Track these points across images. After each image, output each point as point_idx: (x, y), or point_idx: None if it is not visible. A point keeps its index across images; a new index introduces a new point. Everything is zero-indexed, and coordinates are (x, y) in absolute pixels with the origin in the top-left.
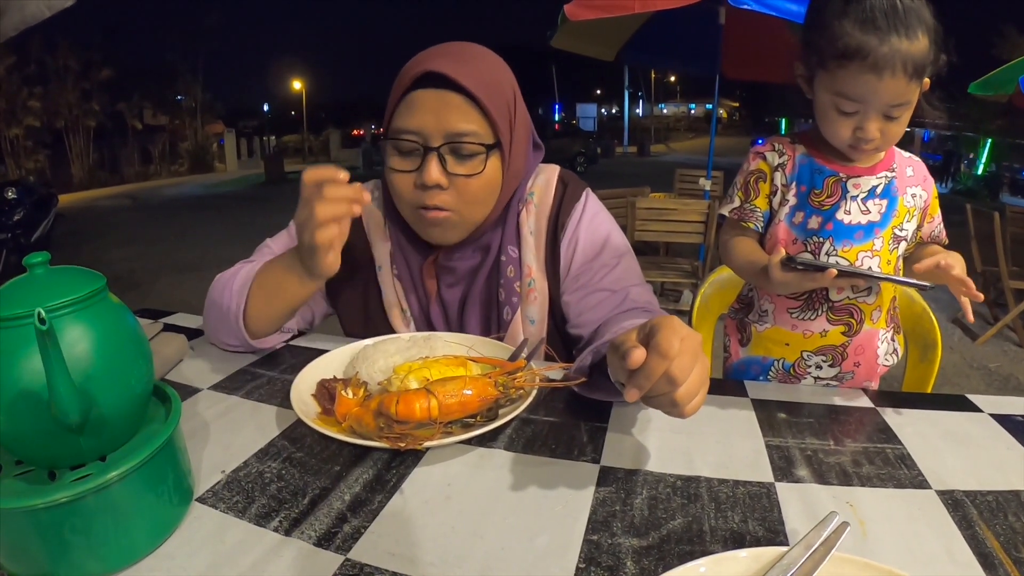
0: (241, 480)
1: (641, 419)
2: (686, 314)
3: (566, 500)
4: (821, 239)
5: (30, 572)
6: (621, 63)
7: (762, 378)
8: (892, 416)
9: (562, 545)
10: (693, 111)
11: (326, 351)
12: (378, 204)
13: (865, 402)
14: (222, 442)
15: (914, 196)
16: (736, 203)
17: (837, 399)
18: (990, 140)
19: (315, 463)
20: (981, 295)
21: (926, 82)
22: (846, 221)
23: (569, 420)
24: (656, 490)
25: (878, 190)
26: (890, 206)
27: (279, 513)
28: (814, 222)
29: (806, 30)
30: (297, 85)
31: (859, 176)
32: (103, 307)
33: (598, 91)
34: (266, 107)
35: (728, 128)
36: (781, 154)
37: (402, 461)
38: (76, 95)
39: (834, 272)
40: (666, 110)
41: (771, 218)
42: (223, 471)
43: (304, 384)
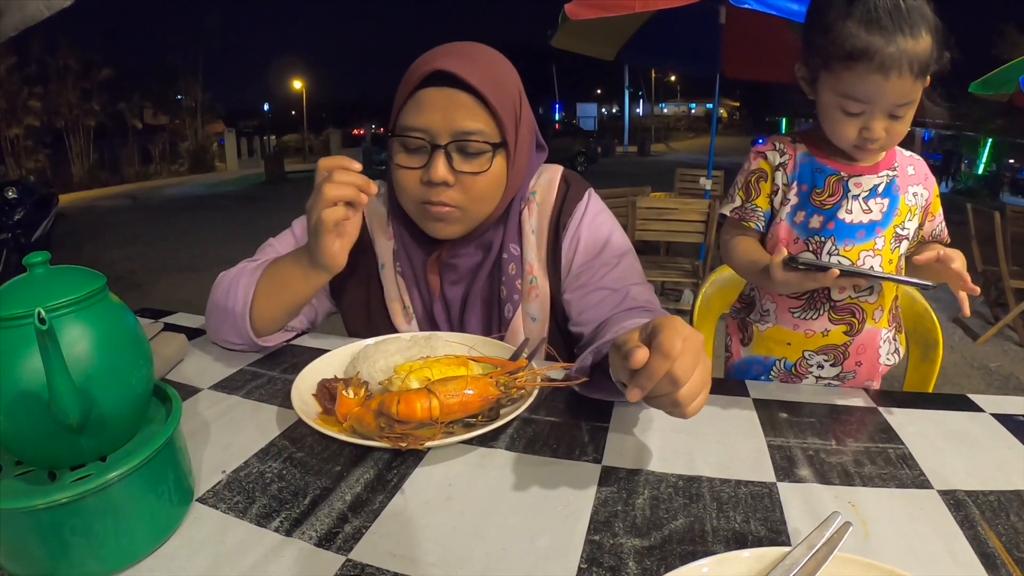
0: (242, 480)
1: (642, 419)
2: (687, 313)
3: (568, 500)
4: (823, 238)
5: (30, 572)
6: (621, 62)
7: (764, 378)
8: (894, 416)
9: (564, 545)
10: (693, 111)
11: (327, 351)
12: (381, 203)
13: (867, 402)
14: (222, 442)
15: (915, 195)
16: (737, 203)
17: (839, 399)
18: (991, 140)
19: (316, 463)
20: (977, 288)
21: (927, 79)
22: (848, 220)
23: (570, 420)
24: (658, 490)
25: (879, 189)
26: (891, 205)
27: (280, 513)
28: (815, 221)
29: (807, 31)
30: (297, 85)
31: (860, 175)
32: (103, 307)
33: (598, 91)
34: (266, 107)
35: (728, 128)
36: (782, 153)
37: (403, 461)
38: (76, 95)
39: (836, 272)
40: (666, 110)
41: (772, 217)
42: (224, 471)
43: (305, 384)
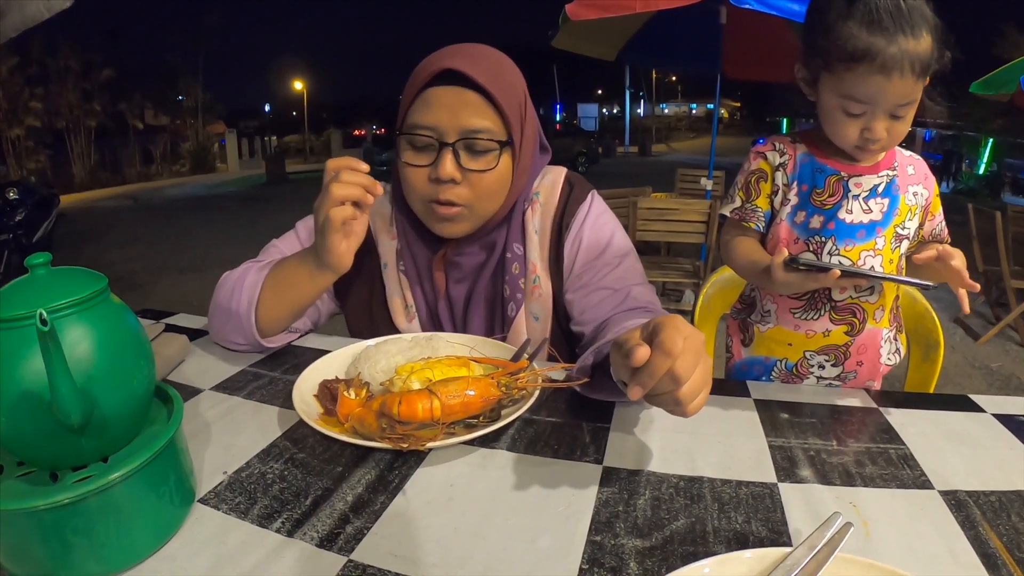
0: (243, 481)
1: (644, 419)
2: (688, 314)
3: (569, 501)
4: (823, 238)
5: (32, 573)
6: (622, 63)
7: (765, 378)
8: (895, 416)
9: (565, 546)
10: (694, 111)
11: (328, 351)
12: (385, 203)
13: (868, 402)
14: (224, 443)
15: (915, 194)
16: (737, 203)
17: (840, 399)
18: (991, 140)
19: (317, 464)
20: (977, 285)
21: (927, 79)
22: (848, 220)
23: (572, 420)
24: (659, 491)
25: (880, 189)
26: (892, 205)
27: (281, 514)
28: (816, 221)
29: (807, 32)
30: (298, 85)
31: (860, 175)
32: (105, 308)
33: (599, 91)
34: (267, 107)
35: (729, 128)
36: (782, 153)
37: (404, 462)
38: (77, 95)
39: (837, 272)
40: (667, 110)
41: (772, 218)
42: (225, 472)
43: (306, 384)
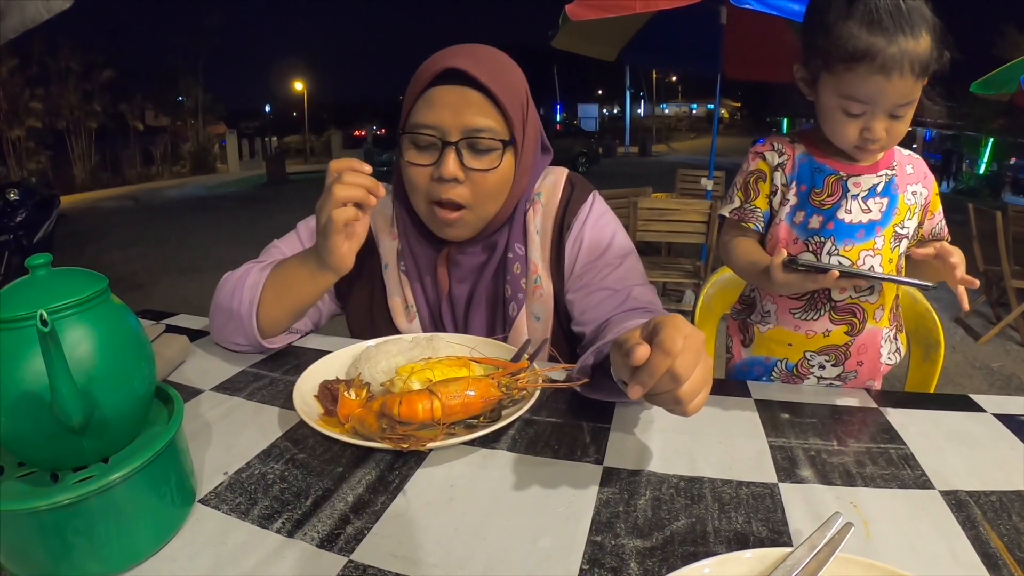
0: (244, 481)
1: (644, 419)
2: (688, 314)
3: (569, 501)
4: (822, 238)
5: (32, 573)
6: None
7: (765, 379)
8: (895, 416)
9: (565, 546)
10: (695, 111)
11: (329, 352)
12: (386, 204)
13: (868, 402)
14: (224, 443)
15: (915, 194)
16: (736, 203)
17: (840, 399)
18: (992, 139)
19: (318, 464)
20: (976, 281)
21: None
22: (847, 220)
23: (572, 421)
24: (659, 491)
25: (879, 188)
26: (891, 204)
27: (282, 515)
28: (815, 221)
29: (807, 33)
30: (299, 86)
31: (859, 175)
32: (105, 308)
33: (599, 91)
34: (268, 108)
35: (730, 128)
36: (781, 154)
37: (405, 462)
38: (78, 96)
39: (836, 273)
40: (668, 110)
41: (771, 218)
42: (226, 472)
43: (307, 385)
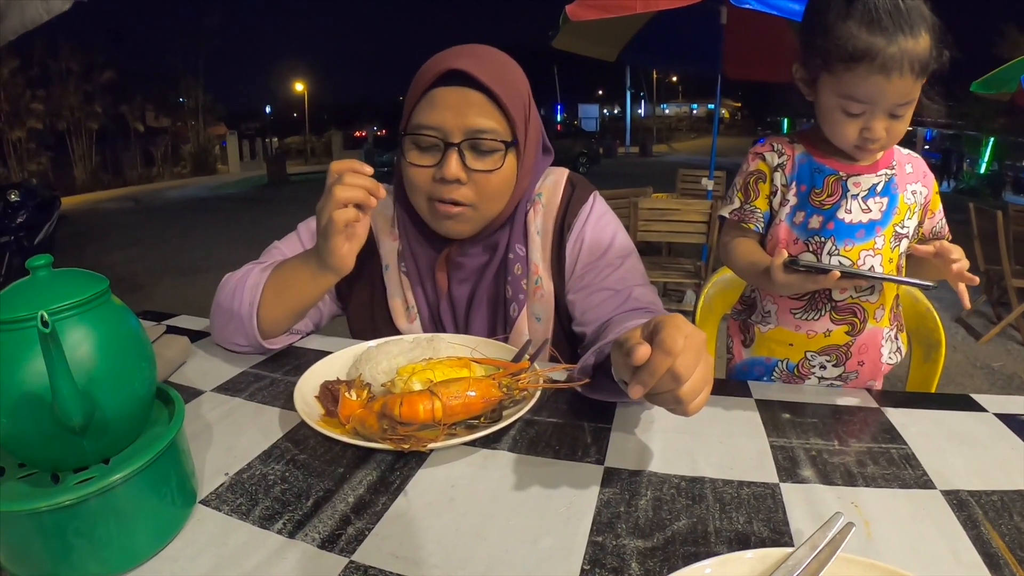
0: (244, 482)
1: (645, 420)
2: (689, 314)
3: (570, 501)
4: (823, 238)
5: (33, 574)
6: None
7: (766, 379)
8: (896, 416)
9: (566, 547)
10: (695, 111)
11: (329, 352)
12: (387, 204)
13: (869, 402)
14: (225, 444)
15: (914, 193)
16: (736, 204)
17: (841, 399)
18: (992, 139)
19: (318, 465)
20: (975, 278)
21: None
22: (847, 220)
23: (573, 421)
24: (660, 491)
25: (878, 188)
26: (891, 204)
27: (283, 515)
28: (815, 221)
29: (806, 33)
30: (299, 86)
31: (859, 174)
32: (106, 309)
33: (600, 91)
34: (268, 109)
35: (730, 128)
36: (780, 154)
37: (406, 463)
38: (78, 97)
39: (836, 274)
40: (668, 110)
41: (771, 218)
42: (226, 473)
43: (307, 386)
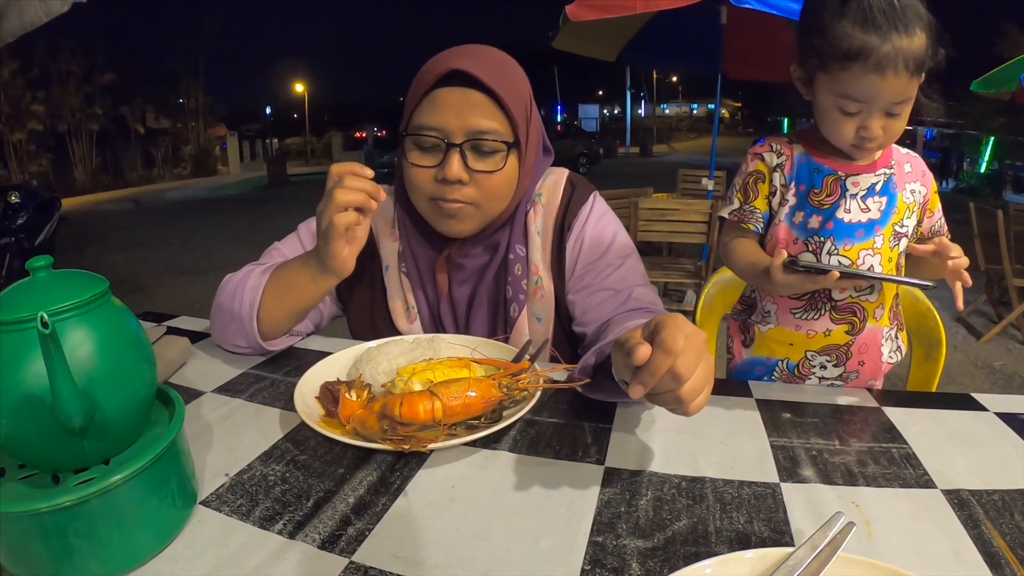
0: (245, 483)
1: (645, 420)
2: (690, 314)
3: (571, 501)
4: (822, 238)
5: (33, 575)
6: (623, 63)
7: (766, 379)
8: (897, 415)
9: (567, 547)
10: (695, 111)
11: (330, 353)
12: (387, 206)
13: (870, 401)
14: (226, 445)
15: (913, 192)
16: (735, 205)
17: (842, 399)
18: (992, 138)
19: (319, 466)
20: (969, 280)
21: (922, 76)
22: (846, 220)
23: (573, 421)
24: (661, 491)
25: (877, 187)
26: (890, 203)
27: (283, 516)
28: (814, 221)
29: (802, 32)
30: (299, 87)
31: (858, 174)
32: (106, 311)
33: (600, 92)
34: (268, 110)
35: (730, 128)
36: (779, 154)
37: (406, 463)
38: (79, 99)
39: (836, 274)
40: (668, 110)
41: (771, 219)
42: (227, 474)
43: (308, 386)
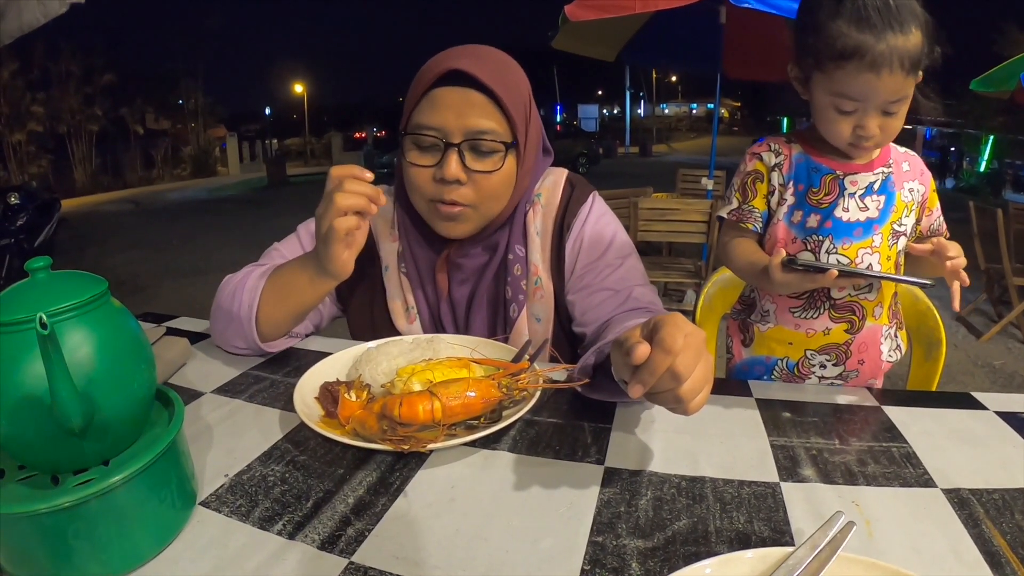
0: (244, 484)
1: (645, 419)
2: (690, 314)
3: (570, 502)
4: (821, 237)
5: None
6: (622, 63)
7: (766, 378)
8: (897, 414)
9: (567, 547)
10: (695, 111)
11: (329, 353)
12: (386, 207)
13: (870, 401)
14: (225, 446)
15: (911, 191)
16: (734, 204)
17: (842, 398)
18: (992, 137)
19: (318, 466)
20: (967, 280)
21: (919, 74)
22: (845, 218)
23: (573, 421)
24: (661, 491)
25: (875, 186)
26: (888, 202)
27: (283, 517)
28: (813, 220)
29: (798, 31)
30: (299, 88)
31: (856, 173)
32: (105, 311)
33: (599, 92)
34: (268, 111)
35: (730, 127)
36: (777, 154)
37: (406, 464)
38: (79, 100)
39: (835, 273)
40: (668, 110)
41: (770, 218)
42: (226, 475)
43: (307, 387)
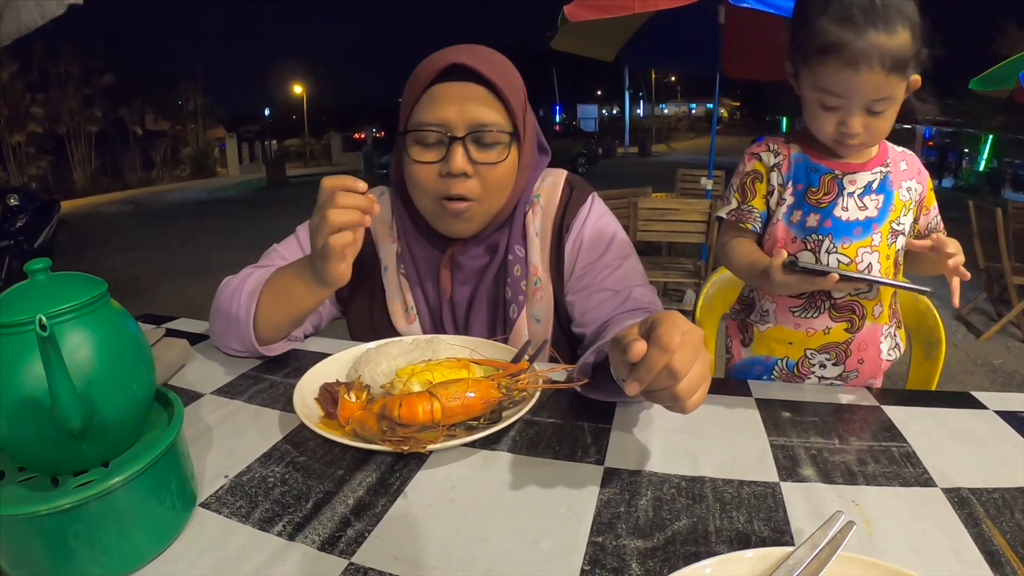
0: (244, 485)
1: (644, 419)
2: (689, 314)
3: (570, 502)
4: (820, 236)
5: None
6: (621, 63)
7: (766, 378)
8: (897, 414)
9: (567, 547)
10: (694, 111)
11: (329, 354)
12: (385, 208)
13: (870, 400)
14: (225, 447)
15: (909, 190)
16: (733, 205)
17: (841, 397)
18: (991, 136)
19: (318, 467)
20: (967, 274)
21: (917, 78)
22: (844, 218)
23: (573, 421)
24: (661, 491)
25: (874, 185)
26: (886, 201)
27: (282, 518)
28: (812, 220)
29: (791, 28)
30: (298, 89)
31: (854, 172)
32: (104, 313)
33: (599, 92)
34: (267, 111)
35: (729, 127)
36: (776, 154)
37: (405, 464)
38: (78, 101)
39: (836, 277)
40: (667, 110)
41: (769, 218)
42: (226, 476)
43: (307, 388)
